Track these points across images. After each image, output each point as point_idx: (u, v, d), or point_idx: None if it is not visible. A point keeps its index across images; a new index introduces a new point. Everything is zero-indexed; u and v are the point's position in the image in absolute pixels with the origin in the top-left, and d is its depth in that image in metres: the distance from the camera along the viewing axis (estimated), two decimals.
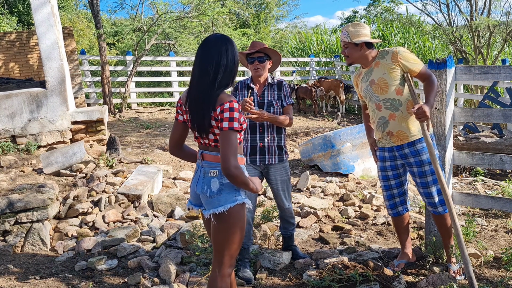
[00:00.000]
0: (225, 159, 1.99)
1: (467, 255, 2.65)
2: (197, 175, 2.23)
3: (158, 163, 6.49)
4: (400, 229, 3.26)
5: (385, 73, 2.92)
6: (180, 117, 2.26)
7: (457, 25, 13.13)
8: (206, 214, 2.18)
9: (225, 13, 16.56)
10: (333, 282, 2.95)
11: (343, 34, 2.97)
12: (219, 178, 2.13)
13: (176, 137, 2.30)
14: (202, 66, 2.09)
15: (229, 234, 2.13)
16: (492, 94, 7.79)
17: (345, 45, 2.98)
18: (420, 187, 3.02)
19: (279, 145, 3.30)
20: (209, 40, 2.13)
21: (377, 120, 3.02)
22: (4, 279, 3.32)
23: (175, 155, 2.35)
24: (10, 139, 6.37)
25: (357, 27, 2.94)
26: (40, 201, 4.09)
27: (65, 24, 16.36)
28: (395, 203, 3.18)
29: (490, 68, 3.13)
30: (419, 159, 2.94)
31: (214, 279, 2.17)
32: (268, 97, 3.25)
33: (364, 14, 30.66)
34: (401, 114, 2.92)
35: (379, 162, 3.15)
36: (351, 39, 2.92)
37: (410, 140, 2.94)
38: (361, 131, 6.16)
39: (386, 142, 3.04)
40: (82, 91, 11.18)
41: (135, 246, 3.80)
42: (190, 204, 2.34)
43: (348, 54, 2.99)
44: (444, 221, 3.02)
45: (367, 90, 3.02)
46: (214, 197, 2.12)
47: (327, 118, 12.47)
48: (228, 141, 2.02)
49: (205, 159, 2.18)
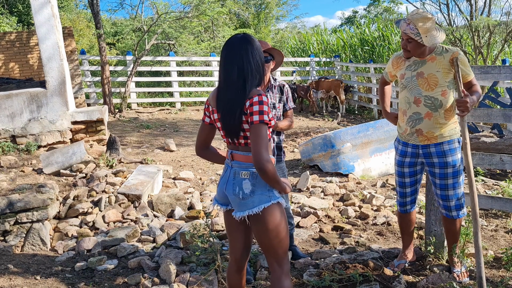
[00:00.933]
0: (258, 153, 1.95)
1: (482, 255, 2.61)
2: (226, 175, 2.20)
3: (158, 163, 6.50)
4: (405, 228, 3.22)
5: (439, 71, 2.76)
6: (206, 119, 2.24)
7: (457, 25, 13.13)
8: (239, 215, 2.13)
9: (225, 13, 16.58)
10: (333, 282, 2.95)
11: (410, 29, 2.67)
12: (251, 180, 2.10)
13: (203, 138, 2.29)
14: (227, 73, 2.07)
15: (274, 233, 2.12)
16: (492, 94, 7.78)
17: (409, 39, 2.72)
18: (438, 188, 2.92)
19: (278, 146, 3.30)
20: (229, 43, 2.10)
21: (410, 114, 2.86)
22: (4, 279, 3.32)
23: (202, 156, 2.34)
24: (10, 139, 6.37)
25: (428, 23, 2.65)
26: (40, 201, 4.09)
27: (65, 24, 16.37)
28: (405, 202, 3.14)
29: (490, 68, 3.14)
30: (444, 160, 2.83)
31: (278, 278, 2.16)
32: (271, 99, 3.23)
33: (364, 14, 30.67)
34: (438, 115, 2.79)
35: (398, 156, 3.02)
36: (421, 38, 2.65)
37: (438, 141, 2.83)
38: (361, 131, 6.16)
39: (411, 139, 2.91)
40: (82, 91, 11.18)
41: (135, 246, 3.80)
42: (216, 203, 2.31)
43: (410, 49, 2.76)
44: (455, 226, 2.96)
45: (411, 80, 2.84)
46: (248, 199, 2.09)
47: (327, 118, 12.47)
48: (259, 134, 1.98)
49: (235, 159, 2.14)
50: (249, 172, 2.11)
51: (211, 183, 5.74)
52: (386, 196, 5.01)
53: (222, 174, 2.24)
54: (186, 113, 12.70)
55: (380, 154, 6.34)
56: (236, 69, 2.05)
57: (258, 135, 1.98)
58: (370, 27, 17.74)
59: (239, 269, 2.34)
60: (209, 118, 2.23)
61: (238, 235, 2.30)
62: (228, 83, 2.07)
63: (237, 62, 2.06)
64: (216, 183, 5.77)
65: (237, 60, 2.06)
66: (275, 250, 2.15)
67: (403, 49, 2.82)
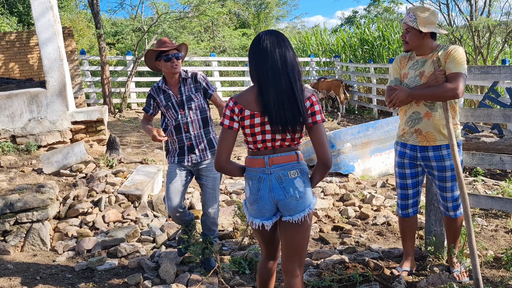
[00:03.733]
0: (328, 151, 2.02)
1: (477, 256, 2.61)
2: (265, 184, 2.06)
3: (158, 163, 6.50)
4: (406, 232, 3.12)
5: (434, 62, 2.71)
6: (235, 125, 2.06)
7: (457, 25, 13.13)
8: (298, 217, 2.05)
9: (225, 13, 16.57)
10: (333, 282, 2.95)
11: (409, 17, 2.69)
12: (301, 177, 2.06)
13: (229, 147, 2.08)
14: (274, 68, 1.98)
15: (309, 232, 2.14)
16: (492, 94, 7.78)
17: (408, 29, 2.71)
18: (437, 189, 2.92)
19: (208, 138, 3.20)
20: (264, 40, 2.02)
21: (410, 113, 2.84)
22: (4, 279, 3.32)
23: (227, 168, 2.11)
24: (10, 139, 6.37)
25: (427, 13, 2.67)
26: (40, 201, 4.09)
27: (65, 24, 16.36)
28: (407, 204, 3.06)
29: (490, 68, 3.13)
30: (442, 164, 2.80)
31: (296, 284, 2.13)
32: (185, 92, 3.14)
33: (364, 14, 30.66)
34: (438, 115, 2.75)
35: (398, 157, 2.98)
36: (417, 25, 2.64)
37: (437, 144, 2.79)
38: (361, 131, 6.16)
39: (410, 139, 2.87)
40: (82, 91, 11.18)
41: (135, 246, 3.80)
42: (260, 221, 2.12)
43: (408, 40, 2.73)
44: (455, 224, 2.96)
45: (414, 80, 2.79)
46: (304, 197, 2.05)
47: (327, 118, 12.48)
48: (324, 133, 2.05)
49: (276, 163, 2.04)
50: (297, 170, 2.06)
51: None
52: (386, 196, 5.01)
53: (254, 187, 2.09)
54: None
55: (380, 154, 6.34)
56: (285, 65, 1.99)
57: (324, 133, 2.05)
58: (370, 27, 17.74)
59: (273, 266, 2.34)
60: (238, 123, 2.07)
61: (274, 240, 2.25)
62: (278, 82, 1.98)
63: (283, 58, 2.00)
64: None
65: (282, 56, 2.00)
66: (304, 251, 2.15)
67: (402, 41, 2.82)
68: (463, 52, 2.67)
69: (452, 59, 2.62)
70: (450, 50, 2.65)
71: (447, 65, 2.64)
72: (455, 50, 2.64)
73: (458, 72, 2.60)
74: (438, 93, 2.60)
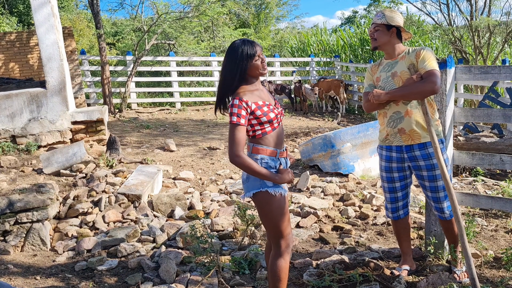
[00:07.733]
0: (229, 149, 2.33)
1: (471, 256, 2.62)
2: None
3: (158, 163, 6.50)
4: (401, 234, 3.15)
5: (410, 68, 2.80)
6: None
7: (457, 25, 13.14)
8: (242, 197, 2.48)
9: (225, 13, 16.57)
10: (333, 282, 2.95)
11: (377, 16, 2.90)
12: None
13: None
14: None
15: (264, 218, 2.40)
16: (492, 94, 7.78)
17: (376, 27, 2.88)
18: (429, 191, 2.92)
19: None
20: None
21: (391, 114, 2.88)
22: (4, 279, 3.32)
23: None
24: (10, 139, 6.37)
25: (394, 14, 2.88)
26: (40, 201, 4.09)
27: (65, 24, 16.36)
28: (397, 207, 3.08)
29: (490, 68, 3.13)
30: (430, 162, 2.82)
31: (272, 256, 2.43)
32: None
33: (364, 14, 30.65)
34: (418, 112, 2.80)
35: (384, 162, 3.01)
36: (386, 20, 2.83)
37: (421, 141, 2.82)
38: (361, 131, 6.16)
39: (395, 140, 2.91)
40: (82, 91, 11.18)
41: (135, 246, 3.80)
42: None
43: (376, 37, 2.88)
44: (451, 225, 2.95)
45: (387, 81, 2.87)
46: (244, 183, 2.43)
47: (327, 118, 12.46)
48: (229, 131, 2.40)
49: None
50: None
51: (211, 183, 5.73)
52: None
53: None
54: (186, 113, 12.70)
55: None
56: None
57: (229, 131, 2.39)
58: (370, 27, 17.73)
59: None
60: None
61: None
62: None
63: None
64: (216, 183, 5.77)
65: None
66: (269, 232, 2.42)
67: (371, 38, 2.95)
68: (432, 51, 2.82)
69: (423, 59, 2.74)
70: (419, 51, 2.79)
71: (420, 65, 2.75)
72: (424, 50, 2.79)
73: (432, 69, 2.70)
74: (416, 90, 2.68)
